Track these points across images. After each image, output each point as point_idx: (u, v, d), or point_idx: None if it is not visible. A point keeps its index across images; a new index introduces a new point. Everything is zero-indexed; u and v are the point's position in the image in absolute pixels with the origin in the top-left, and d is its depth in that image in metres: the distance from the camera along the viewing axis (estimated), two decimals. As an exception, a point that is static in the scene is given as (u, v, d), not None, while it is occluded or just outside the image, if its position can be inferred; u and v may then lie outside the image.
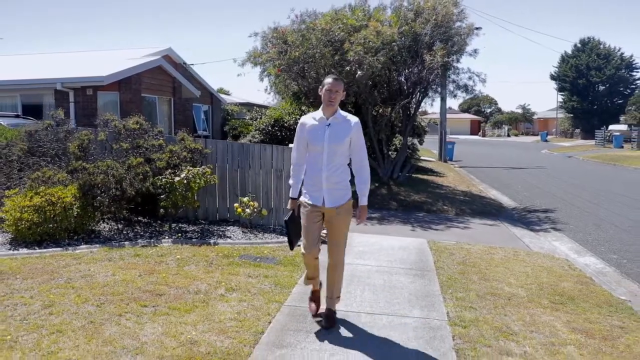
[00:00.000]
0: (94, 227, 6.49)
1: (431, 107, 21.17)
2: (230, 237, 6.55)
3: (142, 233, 6.56)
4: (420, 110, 17.84)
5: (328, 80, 3.77)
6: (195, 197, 6.80)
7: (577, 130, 54.34)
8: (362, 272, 5.41)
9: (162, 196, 6.55)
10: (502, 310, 4.51)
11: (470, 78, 11.81)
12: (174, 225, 6.91)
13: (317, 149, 3.74)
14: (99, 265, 5.17)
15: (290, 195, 3.97)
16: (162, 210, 6.64)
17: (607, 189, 14.62)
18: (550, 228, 9.14)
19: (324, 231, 3.96)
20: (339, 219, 3.81)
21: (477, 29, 11.51)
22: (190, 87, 17.79)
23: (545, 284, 5.39)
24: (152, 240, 6.24)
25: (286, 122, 14.83)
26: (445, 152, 23.56)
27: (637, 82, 53.23)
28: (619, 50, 53.88)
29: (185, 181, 6.33)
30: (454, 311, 4.39)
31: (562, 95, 58.06)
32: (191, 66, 19.94)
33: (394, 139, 15.52)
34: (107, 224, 6.90)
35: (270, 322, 3.94)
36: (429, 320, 4.16)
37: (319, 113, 3.82)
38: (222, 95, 26.61)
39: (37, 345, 3.40)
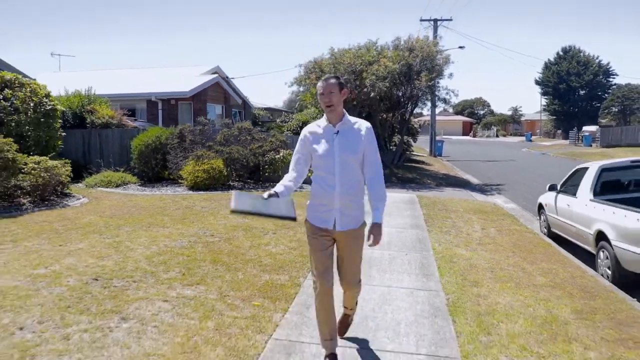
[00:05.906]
0: (230, 183, 11.60)
1: (423, 111, 26.34)
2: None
3: (255, 187, 11.64)
4: (416, 113, 23.06)
5: (319, 84, 3.17)
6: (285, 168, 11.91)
7: (559, 131, 59.48)
8: (381, 202, 10.51)
9: (266, 167, 11.64)
10: (449, 213, 9.63)
11: (447, 93, 16.99)
12: (271, 183, 12.02)
13: (326, 162, 3.17)
14: (249, 197, 10.24)
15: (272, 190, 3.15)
16: (266, 174, 11.74)
17: (553, 174, 19.72)
18: (496, 192, 14.29)
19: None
20: (354, 246, 3.31)
21: (460, 47, 16.35)
22: (235, 96, 22.91)
23: (475, 208, 10.50)
24: (264, 189, 11.32)
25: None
26: (435, 149, 28.75)
27: (613, 87, 58.53)
28: (597, 58, 59.11)
29: (282, 158, 11.41)
30: (425, 213, 9.51)
31: (545, 98, 63.29)
32: (232, 79, 25.08)
33: (393, 137, 20.69)
34: (234, 182, 11.99)
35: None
36: (414, 213, 9.31)
37: (323, 121, 3.24)
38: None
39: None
